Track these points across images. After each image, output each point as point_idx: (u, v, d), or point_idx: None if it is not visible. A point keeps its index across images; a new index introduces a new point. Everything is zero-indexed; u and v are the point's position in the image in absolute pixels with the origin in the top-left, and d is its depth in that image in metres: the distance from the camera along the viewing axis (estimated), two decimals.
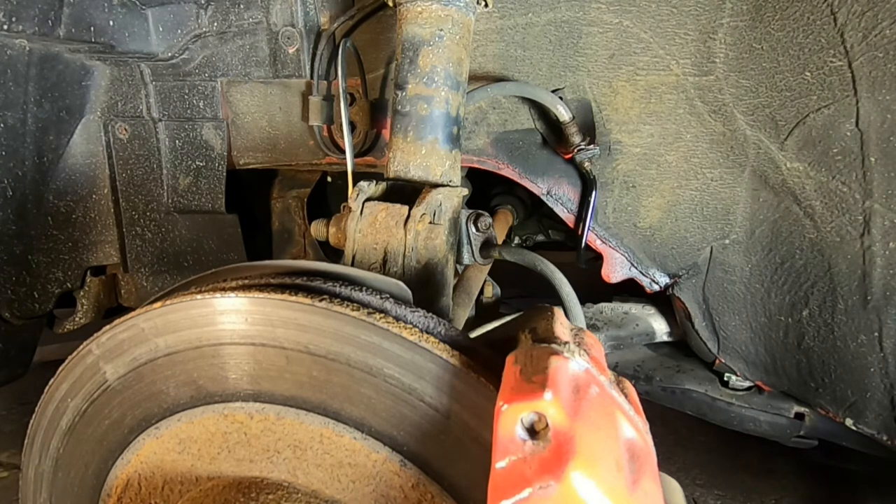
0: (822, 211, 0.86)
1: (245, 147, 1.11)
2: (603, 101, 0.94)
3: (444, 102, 0.75)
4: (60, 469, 0.60)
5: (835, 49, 0.81)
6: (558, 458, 0.37)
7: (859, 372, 0.89)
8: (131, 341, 0.54)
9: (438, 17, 0.74)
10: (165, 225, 1.17)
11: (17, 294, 1.04)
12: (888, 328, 0.85)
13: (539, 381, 0.40)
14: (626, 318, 1.20)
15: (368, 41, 1.01)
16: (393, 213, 0.65)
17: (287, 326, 0.50)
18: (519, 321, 0.53)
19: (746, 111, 0.88)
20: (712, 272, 0.97)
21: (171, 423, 0.55)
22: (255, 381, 0.52)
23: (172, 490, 0.56)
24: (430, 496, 0.48)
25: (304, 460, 0.51)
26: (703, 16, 0.86)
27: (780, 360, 0.96)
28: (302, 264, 0.56)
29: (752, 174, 0.90)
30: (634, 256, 0.99)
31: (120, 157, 1.14)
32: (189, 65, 1.07)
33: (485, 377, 0.46)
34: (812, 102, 0.84)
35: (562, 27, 0.92)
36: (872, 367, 0.88)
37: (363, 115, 1.03)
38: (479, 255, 0.79)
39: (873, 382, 0.88)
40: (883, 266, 0.84)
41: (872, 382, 0.88)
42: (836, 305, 0.88)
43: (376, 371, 0.48)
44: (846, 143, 0.83)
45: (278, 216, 1.40)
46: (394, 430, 0.49)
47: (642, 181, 0.96)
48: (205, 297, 0.51)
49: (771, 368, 0.98)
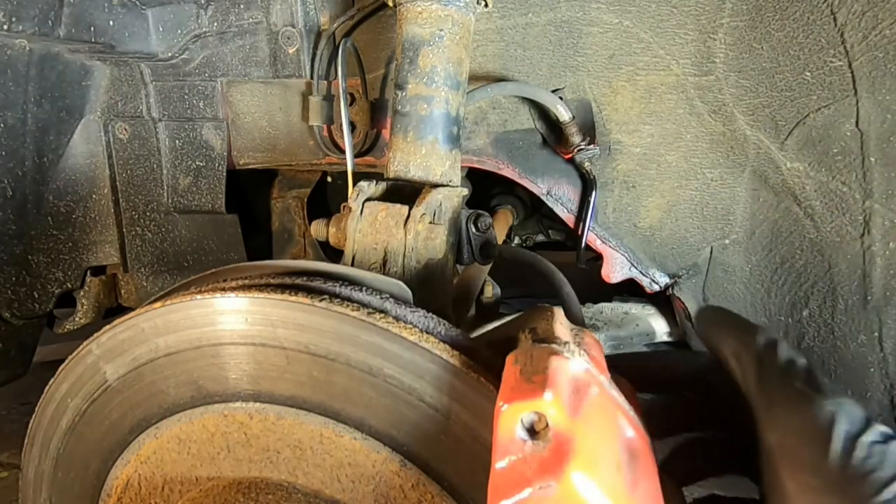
0: (822, 211, 0.86)
1: (245, 147, 1.11)
2: (603, 101, 0.94)
3: (444, 102, 0.75)
4: (60, 469, 0.60)
5: (835, 49, 0.81)
6: (558, 458, 0.37)
7: (859, 372, 0.89)
8: (131, 341, 0.54)
9: (438, 17, 0.74)
10: (165, 225, 1.17)
11: (17, 294, 1.04)
12: (888, 328, 0.85)
13: (539, 381, 0.40)
14: (626, 318, 1.20)
15: (368, 41, 1.01)
16: (393, 213, 0.65)
17: (287, 326, 0.50)
18: (519, 321, 0.53)
19: (746, 111, 0.88)
20: (712, 272, 0.97)
21: (171, 423, 0.55)
22: (255, 381, 0.52)
23: (172, 490, 0.56)
24: (430, 496, 0.48)
25: (305, 460, 0.51)
26: (703, 16, 0.86)
27: None
28: (302, 264, 0.56)
29: (752, 174, 0.90)
30: (634, 256, 0.99)
31: (120, 157, 1.14)
32: (189, 65, 1.07)
33: (485, 377, 0.46)
34: (812, 102, 0.84)
35: (562, 27, 0.92)
36: (872, 367, 0.88)
37: (363, 115, 1.03)
38: (479, 255, 0.79)
39: (873, 382, 0.88)
40: (883, 266, 0.84)
41: (872, 382, 0.88)
42: (836, 305, 0.88)
43: (376, 371, 0.48)
44: (846, 143, 0.83)
45: (278, 216, 1.40)
46: (394, 430, 0.49)
47: (642, 181, 0.96)
48: (205, 297, 0.51)
49: None
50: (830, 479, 0.37)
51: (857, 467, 0.36)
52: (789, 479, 0.39)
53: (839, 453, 0.37)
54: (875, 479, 0.36)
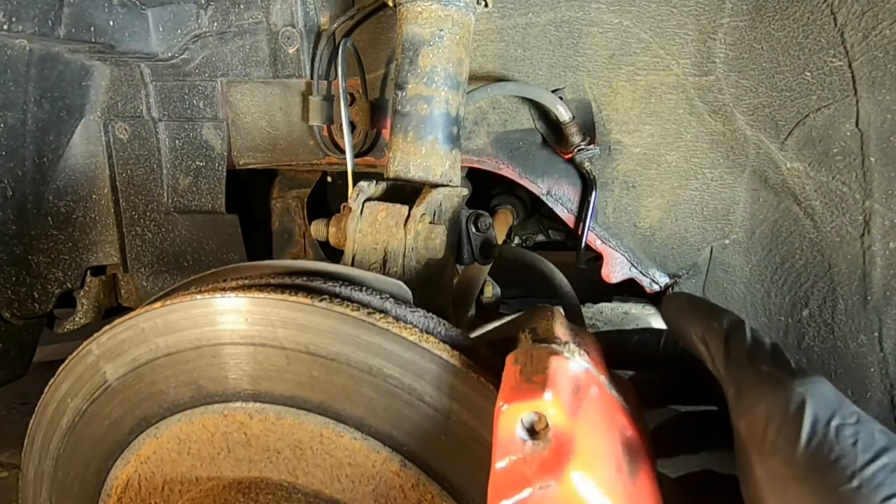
0: (822, 211, 0.86)
1: (245, 147, 1.11)
2: (603, 101, 0.94)
3: (444, 102, 0.75)
4: (60, 469, 0.60)
5: (835, 49, 0.81)
6: (558, 458, 0.37)
7: (859, 372, 0.89)
8: (131, 341, 0.54)
9: (438, 17, 0.74)
10: (165, 225, 1.17)
11: (17, 294, 1.04)
12: (888, 328, 0.85)
13: (539, 381, 0.40)
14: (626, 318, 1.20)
15: (368, 41, 1.01)
16: (393, 213, 0.65)
17: (287, 326, 0.50)
18: (519, 321, 0.53)
19: (746, 111, 0.88)
20: (712, 272, 0.97)
21: (171, 423, 0.55)
22: (255, 381, 0.52)
23: (172, 490, 0.56)
24: (430, 496, 0.48)
25: (305, 460, 0.51)
26: (703, 16, 0.86)
27: None
28: (302, 264, 0.56)
29: (752, 174, 0.90)
30: (634, 256, 0.99)
31: (120, 157, 1.14)
32: (189, 65, 1.07)
33: (485, 377, 0.46)
34: (812, 102, 0.84)
35: (562, 27, 0.92)
36: (872, 367, 0.88)
37: (363, 115, 1.03)
38: (479, 255, 0.79)
39: (873, 382, 0.88)
40: (883, 266, 0.84)
41: (872, 382, 0.88)
42: (836, 305, 0.88)
43: (376, 371, 0.48)
44: (846, 143, 0.83)
45: (278, 216, 1.40)
46: (394, 430, 0.49)
47: (642, 181, 0.96)
48: (205, 297, 0.51)
49: None
50: (800, 466, 0.35)
51: (827, 454, 0.35)
52: (759, 466, 0.37)
53: (808, 439, 0.36)
54: (845, 466, 0.34)
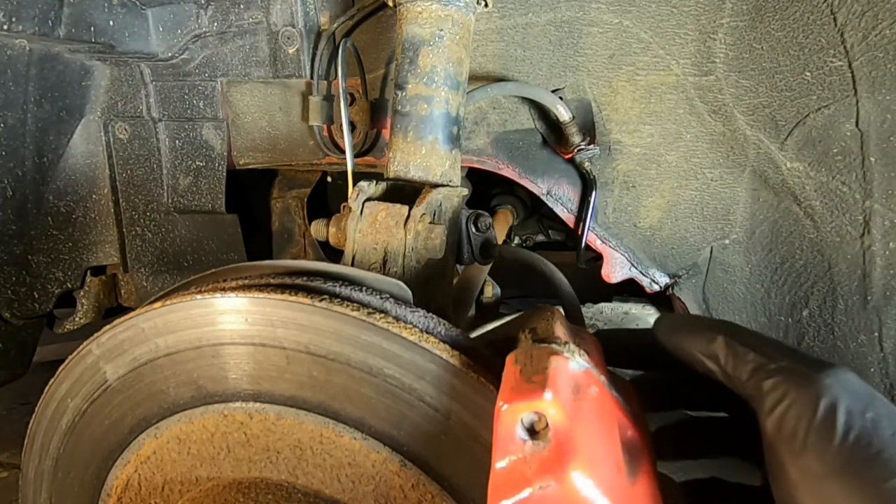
0: (822, 211, 0.86)
1: (245, 147, 1.11)
2: (603, 101, 0.94)
3: (444, 102, 0.75)
4: (60, 469, 0.60)
5: (835, 49, 0.81)
6: (558, 458, 0.37)
7: (859, 372, 0.89)
8: (131, 341, 0.54)
9: (438, 17, 0.74)
10: (165, 225, 1.17)
11: (17, 294, 1.04)
12: (888, 328, 0.85)
13: (539, 381, 0.40)
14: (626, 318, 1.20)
15: (368, 41, 1.01)
16: (393, 213, 0.65)
17: (287, 326, 0.50)
18: (519, 321, 0.53)
19: (746, 111, 0.88)
20: (712, 272, 0.97)
21: (171, 423, 0.55)
22: (255, 381, 0.52)
23: (172, 490, 0.56)
24: (430, 496, 0.48)
25: (305, 460, 0.51)
26: (703, 16, 0.86)
27: None
28: (302, 264, 0.56)
29: (752, 174, 0.90)
30: (634, 256, 0.99)
31: (120, 157, 1.14)
32: (189, 65, 1.07)
33: (485, 377, 0.46)
34: (812, 102, 0.84)
35: (562, 27, 0.92)
36: (872, 367, 0.88)
37: (363, 115, 1.03)
38: (479, 255, 0.79)
39: (873, 383, 0.88)
40: (883, 266, 0.84)
41: (872, 383, 0.88)
42: (836, 305, 0.88)
43: (376, 371, 0.48)
44: (846, 143, 0.83)
45: (278, 216, 1.40)
46: (394, 430, 0.49)
47: (642, 181, 0.96)
48: (205, 297, 0.51)
49: None
50: (838, 462, 0.34)
51: (866, 448, 0.33)
52: (791, 466, 0.36)
53: (843, 434, 0.34)
54: (888, 459, 0.33)
